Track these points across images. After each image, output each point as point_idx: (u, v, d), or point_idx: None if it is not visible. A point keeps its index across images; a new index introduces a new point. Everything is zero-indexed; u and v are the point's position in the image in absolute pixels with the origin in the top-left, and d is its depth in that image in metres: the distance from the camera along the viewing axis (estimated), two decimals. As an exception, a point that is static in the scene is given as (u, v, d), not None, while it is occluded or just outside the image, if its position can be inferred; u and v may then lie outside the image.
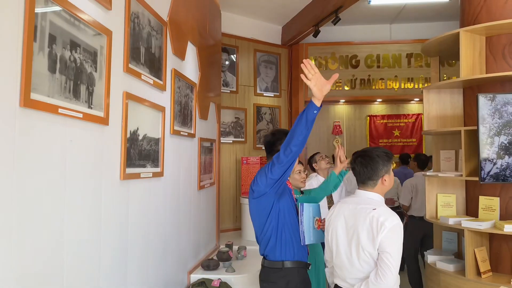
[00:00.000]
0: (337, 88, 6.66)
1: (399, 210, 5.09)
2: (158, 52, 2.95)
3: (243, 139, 6.08)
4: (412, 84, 6.49)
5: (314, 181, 4.03)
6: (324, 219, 2.29)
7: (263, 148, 2.62)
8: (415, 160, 5.09)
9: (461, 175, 2.83)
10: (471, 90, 3.03)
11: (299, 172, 3.10)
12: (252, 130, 6.20)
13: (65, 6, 1.77)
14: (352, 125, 7.22)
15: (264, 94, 6.42)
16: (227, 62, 6.07)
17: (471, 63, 2.85)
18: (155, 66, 2.89)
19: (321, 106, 2.00)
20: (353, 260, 1.91)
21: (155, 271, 2.84)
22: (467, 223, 2.71)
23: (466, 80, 2.88)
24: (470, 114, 3.05)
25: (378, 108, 7.20)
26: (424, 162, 4.96)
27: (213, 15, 4.73)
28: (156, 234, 2.87)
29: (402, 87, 6.55)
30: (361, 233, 1.85)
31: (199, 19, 4.06)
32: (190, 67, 3.80)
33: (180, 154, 3.43)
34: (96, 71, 2.08)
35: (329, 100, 6.85)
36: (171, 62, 3.21)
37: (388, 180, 1.98)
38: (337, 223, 2.00)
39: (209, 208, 4.44)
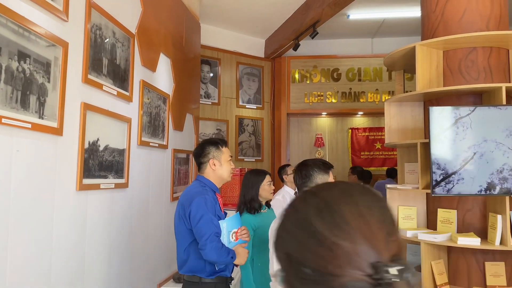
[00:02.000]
0: (319, 101, 6.72)
1: None
2: (124, 64, 2.99)
3: (224, 151, 6.11)
4: (393, 98, 6.57)
5: (281, 192, 4.08)
6: (240, 228, 2.37)
7: (245, 159, 2.73)
8: (354, 173, 5.45)
9: (418, 188, 2.86)
10: (431, 103, 3.08)
11: (270, 184, 3.14)
12: (233, 142, 6.24)
13: (12, 17, 1.81)
14: (334, 138, 7.27)
15: (247, 106, 6.48)
16: (211, 75, 6.14)
17: (427, 76, 2.91)
18: (120, 77, 2.93)
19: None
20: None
21: (119, 284, 2.84)
22: (423, 236, 2.74)
23: (426, 93, 2.93)
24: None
25: (359, 121, 7.25)
26: (362, 174, 5.49)
27: (191, 28, 4.80)
28: (120, 246, 2.88)
29: (383, 100, 6.62)
30: None
31: (173, 32, 4.12)
32: (163, 78, 3.84)
33: (149, 165, 3.46)
34: (49, 81, 2.12)
35: (312, 113, 6.91)
36: (139, 73, 3.26)
37: None
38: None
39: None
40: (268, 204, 3.18)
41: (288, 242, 0.65)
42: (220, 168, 2.46)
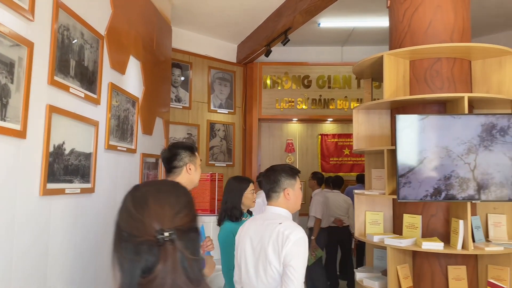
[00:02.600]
0: (290, 107, 6.78)
1: (352, 231, 5.26)
2: (93, 66, 2.93)
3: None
4: (361, 105, 6.72)
5: (261, 195, 4.10)
6: (205, 240, 2.33)
7: (216, 164, 2.62)
8: (314, 179, 5.63)
9: (384, 193, 2.93)
10: (397, 111, 3.17)
11: (253, 192, 3.08)
12: (204, 147, 6.20)
13: (-28, 16, 1.74)
14: (304, 143, 7.34)
15: (218, 111, 6.46)
16: (182, 78, 6.09)
17: (395, 85, 2.99)
18: (88, 79, 2.86)
19: None
20: (261, 277, 1.93)
21: (83, 289, 2.75)
22: (389, 241, 2.80)
23: (393, 101, 3.01)
24: (398, 135, 3.18)
25: (329, 127, 7.37)
26: (324, 180, 5.76)
27: (162, 31, 4.75)
28: (85, 254, 2.79)
29: (352, 107, 6.75)
30: (268, 248, 1.88)
31: (144, 34, 4.07)
32: (133, 81, 3.78)
33: (117, 170, 3.38)
34: (12, 82, 2.04)
35: (283, 119, 6.96)
36: (108, 75, 3.19)
37: (293, 195, 2.03)
38: (245, 241, 2.03)
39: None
40: (250, 212, 3.15)
41: (119, 217, 1.04)
42: (195, 173, 2.42)
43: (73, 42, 2.65)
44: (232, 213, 2.93)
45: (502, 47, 2.96)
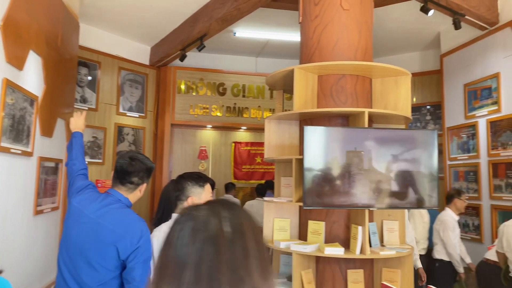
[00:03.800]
0: (204, 114, 6.74)
1: None
2: (-17, 58, 2.63)
3: (100, 160, 5.73)
4: (273, 115, 6.94)
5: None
6: None
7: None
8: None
9: (291, 201, 3.05)
10: (306, 123, 3.31)
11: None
12: (111, 151, 5.89)
13: None
14: (218, 151, 7.36)
15: (128, 114, 6.19)
16: (89, 78, 5.73)
17: (304, 97, 3.13)
18: (-23, 73, 2.56)
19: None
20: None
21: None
22: (295, 247, 2.90)
23: (301, 113, 3.14)
24: (306, 145, 3.33)
25: (242, 135, 7.48)
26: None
27: (69, 27, 4.44)
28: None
29: (265, 116, 6.93)
30: None
31: (48, 29, 3.76)
32: (32, 78, 3.46)
33: (9, 175, 3.06)
34: None
35: (196, 125, 6.90)
36: (3, 70, 2.88)
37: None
38: (155, 250, 1.96)
39: (50, 236, 4.03)
40: None
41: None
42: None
43: (-41, 30, 2.35)
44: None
45: (398, 68, 3.25)
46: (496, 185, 4.68)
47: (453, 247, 4.36)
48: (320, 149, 2.92)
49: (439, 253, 4.51)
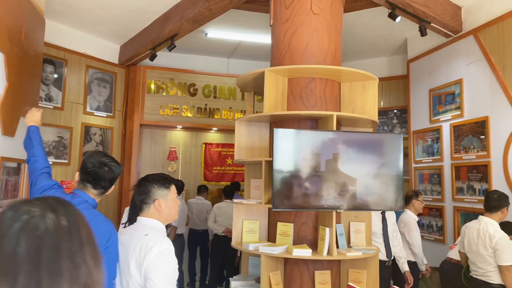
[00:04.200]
0: (174, 114, 6.67)
1: None
2: None
3: (66, 161, 5.57)
4: (245, 116, 6.94)
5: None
6: None
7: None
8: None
9: (261, 202, 3.05)
10: (276, 125, 3.33)
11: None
12: (77, 152, 5.73)
13: None
14: (188, 152, 7.28)
15: (95, 114, 6.04)
16: (55, 76, 5.56)
17: (274, 100, 3.15)
18: None
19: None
20: (125, 292, 1.83)
21: None
22: (263, 249, 2.91)
23: (272, 115, 3.15)
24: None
25: (213, 136, 7.44)
26: (180, 188, 5.83)
27: (33, 23, 4.29)
28: None
29: (236, 118, 6.91)
30: (131, 260, 1.79)
31: (10, 25, 3.61)
32: (-8, 75, 3.32)
33: (-34, 174, 2.92)
34: None
35: (166, 125, 6.81)
36: (-40, 66, 2.75)
37: (165, 206, 1.97)
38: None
39: (9, 238, 3.86)
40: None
41: None
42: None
43: None
44: None
45: (366, 72, 3.32)
46: (458, 187, 4.85)
47: (419, 247, 4.49)
48: (289, 151, 2.94)
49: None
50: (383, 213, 4.17)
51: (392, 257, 4.21)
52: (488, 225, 3.44)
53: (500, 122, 4.26)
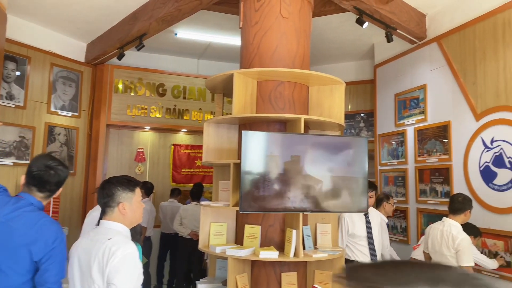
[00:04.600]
0: (143, 115, 6.56)
1: None
2: None
3: (27, 162, 5.36)
4: (214, 118, 6.90)
5: (97, 212, 3.79)
6: None
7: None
8: (142, 188, 5.79)
9: (229, 205, 3.05)
10: (245, 127, 3.34)
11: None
12: (40, 152, 5.53)
13: None
14: (156, 153, 7.18)
15: (60, 113, 5.86)
16: (17, 73, 5.36)
17: (243, 102, 3.15)
18: None
19: None
20: (87, 298, 1.78)
21: None
22: (230, 251, 2.90)
23: (240, 117, 3.15)
24: (245, 149, 3.35)
25: (182, 137, 7.36)
26: (150, 190, 5.99)
27: (-6, 18, 4.12)
28: None
29: (206, 119, 6.87)
30: (93, 265, 1.75)
31: (-32, 18, 3.46)
32: None
33: None
34: None
35: (134, 126, 6.68)
36: None
37: (130, 210, 1.93)
38: (74, 259, 1.86)
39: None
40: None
41: None
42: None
43: None
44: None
45: (333, 77, 3.37)
46: (421, 189, 5.00)
47: (390, 247, 4.59)
48: (257, 154, 2.94)
49: None
50: (366, 215, 3.98)
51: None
52: (452, 226, 3.55)
53: (461, 127, 4.43)
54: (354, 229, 3.84)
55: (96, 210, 3.82)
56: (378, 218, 4.13)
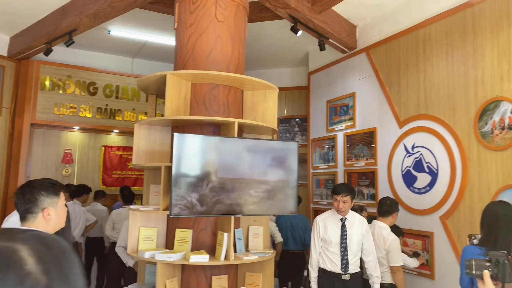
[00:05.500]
0: (71, 114, 6.22)
1: None
2: None
3: None
4: (149, 119, 6.72)
5: (16, 217, 3.53)
6: None
7: None
8: (66, 191, 5.67)
9: (159, 209, 2.99)
10: (178, 130, 3.29)
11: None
12: (-48, 152, 5.06)
13: None
14: (85, 154, 6.85)
15: (-24, 110, 5.40)
16: None
17: (176, 104, 3.11)
18: None
19: None
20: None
21: None
22: (160, 256, 2.85)
23: (173, 119, 3.10)
24: (178, 152, 3.30)
25: (114, 139, 7.09)
26: (74, 193, 5.68)
27: None
28: None
29: (139, 120, 6.68)
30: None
31: None
32: None
33: None
34: None
35: (62, 126, 6.32)
36: None
37: (55, 215, 1.83)
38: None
39: None
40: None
41: None
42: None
43: None
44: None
45: (267, 82, 3.44)
46: (350, 192, 5.24)
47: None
48: (189, 156, 2.92)
49: None
50: (343, 220, 3.46)
51: (357, 271, 3.46)
52: (382, 229, 3.71)
53: (386, 133, 4.71)
54: (326, 233, 3.41)
55: (15, 215, 3.55)
56: (362, 225, 3.52)
